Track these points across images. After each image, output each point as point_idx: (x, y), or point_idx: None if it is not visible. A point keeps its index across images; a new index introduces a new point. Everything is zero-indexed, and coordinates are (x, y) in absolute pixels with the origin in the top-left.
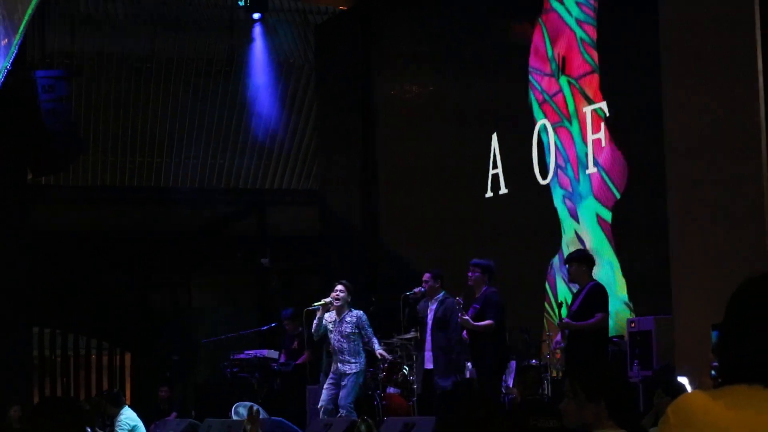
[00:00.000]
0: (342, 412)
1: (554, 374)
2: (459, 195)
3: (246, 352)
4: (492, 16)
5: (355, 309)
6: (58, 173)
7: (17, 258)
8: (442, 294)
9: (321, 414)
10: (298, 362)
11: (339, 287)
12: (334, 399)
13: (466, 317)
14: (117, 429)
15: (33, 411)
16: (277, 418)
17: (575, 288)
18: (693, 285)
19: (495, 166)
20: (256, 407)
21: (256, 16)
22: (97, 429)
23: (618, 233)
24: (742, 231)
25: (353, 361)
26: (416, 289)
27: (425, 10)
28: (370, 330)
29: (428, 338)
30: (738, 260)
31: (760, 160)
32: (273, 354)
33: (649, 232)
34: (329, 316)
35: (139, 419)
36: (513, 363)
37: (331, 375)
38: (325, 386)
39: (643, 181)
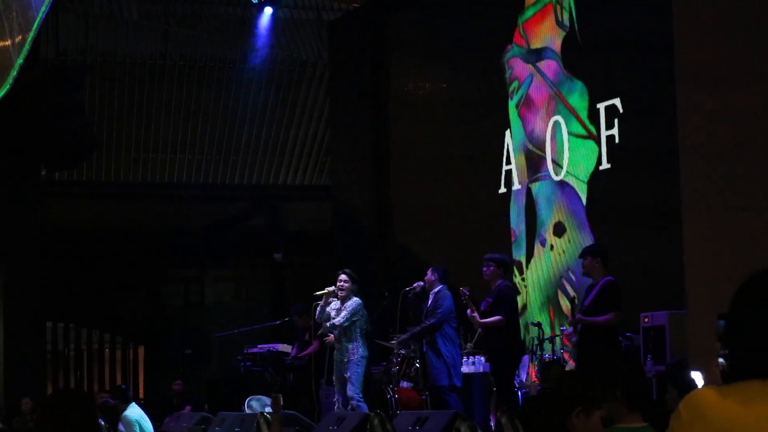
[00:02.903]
0: (352, 403)
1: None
2: (472, 191)
3: (259, 346)
4: (504, 11)
5: (357, 297)
6: (72, 169)
7: (31, 253)
8: (438, 288)
9: (337, 407)
10: (307, 351)
11: (342, 277)
12: (344, 390)
13: (475, 314)
14: (121, 426)
15: (46, 402)
16: (289, 411)
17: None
18: (707, 280)
19: (508, 162)
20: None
21: (268, 11)
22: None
23: (632, 227)
24: (757, 227)
25: (351, 348)
26: (415, 285)
27: (437, 6)
28: (343, 314)
29: None
30: (753, 256)
31: None
32: (286, 348)
33: (663, 227)
34: (333, 305)
35: (144, 415)
36: (526, 358)
37: (335, 366)
38: (334, 380)
39: (658, 177)
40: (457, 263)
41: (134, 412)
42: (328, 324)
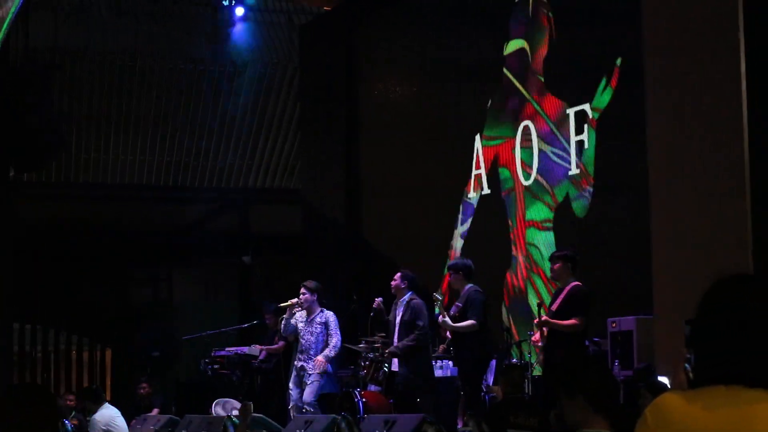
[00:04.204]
0: (307, 408)
1: (535, 373)
2: (442, 195)
3: (227, 349)
4: (476, 19)
5: (328, 310)
6: (40, 170)
7: (1, 254)
8: (408, 294)
9: (292, 414)
10: (272, 348)
11: (302, 290)
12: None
13: (446, 319)
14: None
15: (4, 396)
16: (257, 414)
17: None
18: (674, 285)
19: (478, 167)
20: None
21: (239, 11)
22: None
23: (597, 233)
24: (724, 231)
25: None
26: (375, 303)
27: (410, 12)
28: (335, 332)
29: (395, 340)
30: (720, 261)
31: (743, 157)
32: (254, 350)
33: (630, 232)
34: (300, 315)
35: (117, 416)
36: (493, 362)
37: (294, 374)
38: (291, 386)
39: (625, 180)
40: (427, 268)
41: (104, 414)
42: (322, 356)
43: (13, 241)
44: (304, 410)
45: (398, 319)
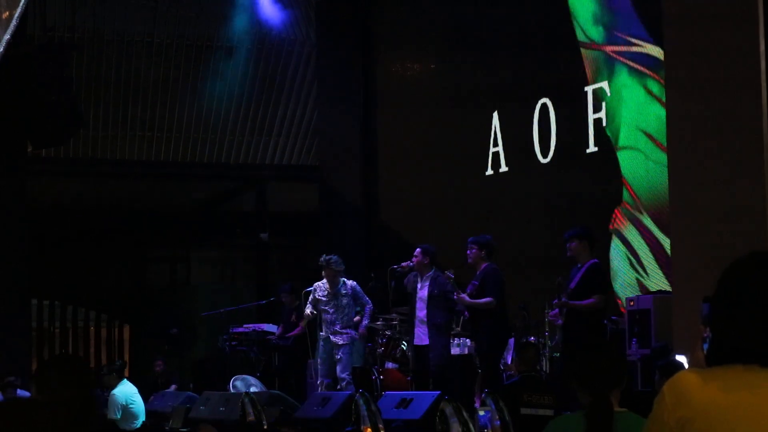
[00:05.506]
0: (342, 384)
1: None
2: (459, 173)
3: (245, 326)
4: None
5: (349, 280)
6: (58, 146)
7: (16, 230)
8: (432, 271)
9: (321, 388)
10: (293, 333)
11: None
12: (332, 372)
13: (463, 295)
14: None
15: (41, 368)
16: (275, 391)
17: None
18: (693, 263)
19: (495, 145)
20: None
21: None
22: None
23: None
24: (743, 210)
25: (345, 332)
26: (404, 263)
27: None
28: (365, 298)
29: (420, 314)
30: (739, 239)
31: (762, 138)
32: (271, 328)
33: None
34: (323, 288)
35: (134, 393)
36: (512, 340)
37: (322, 348)
38: (320, 361)
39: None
40: (443, 245)
41: (123, 390)
42: (363, 328)
43: (32, 218)
44: (339, 387)
45: (425, 293)
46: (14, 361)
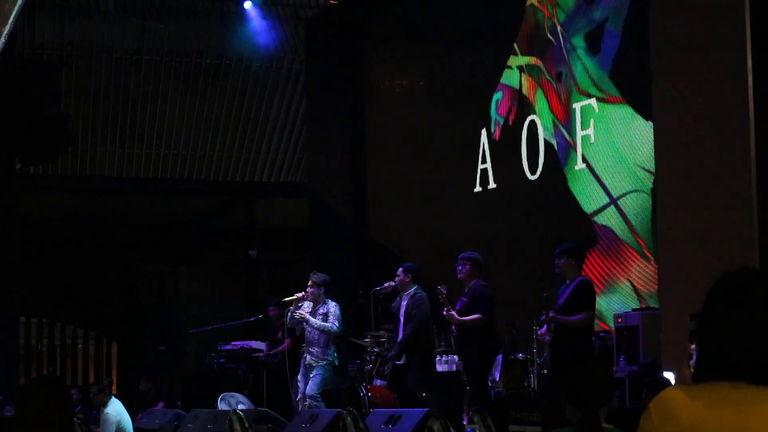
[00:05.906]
0: (308, 401)
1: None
2: (449, 189)
3: (233, 343)
4: (482, 5)
5: (333, 301)
6: (47, 163)
7: (4, 247)
8: (413, 289)
9: (300, 407)
10: (278, 349)
11: (309, 282)
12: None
13: (452, 312)
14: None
15: (22, 389)
16: (263, 408)
17: None
18: (680, 280)
19: (484, 161)
20: None
21: (247, 5)
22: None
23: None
24: (730, 227)
25: (321, 353)
26: (386, 284)
27: (415, 5)
28: (333, 320)
29: (400, 333)
30: (726, 256)
31: (749, 155)
32: (260, 345)
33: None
34: (306, 307)
35: (124, 412)
36: (500, 357)
37: (302, 366)
38: (299, 378)
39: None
40: (433, 261)
41: (115, 408)
42: (316, 324)
43: (20, 234)
44: (306, 404)
45: (402, 311)
46: (1, 378)
